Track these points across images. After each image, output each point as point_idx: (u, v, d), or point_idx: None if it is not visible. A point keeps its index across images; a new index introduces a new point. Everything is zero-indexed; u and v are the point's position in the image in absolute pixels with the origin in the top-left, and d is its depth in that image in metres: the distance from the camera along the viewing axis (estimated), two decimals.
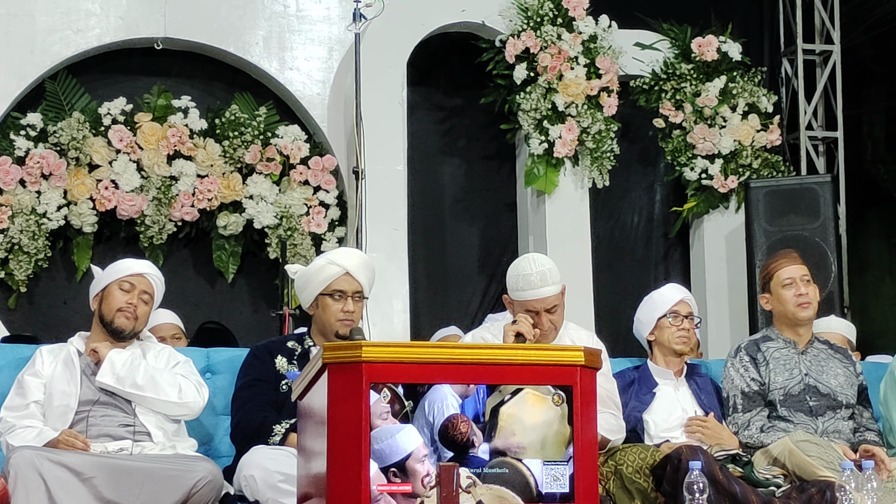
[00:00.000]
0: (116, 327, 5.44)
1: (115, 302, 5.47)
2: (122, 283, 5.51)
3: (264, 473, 4.99)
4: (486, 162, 8.98)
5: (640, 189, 9.24)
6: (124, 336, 5.47)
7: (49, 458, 4.84)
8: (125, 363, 5.34)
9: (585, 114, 8.48)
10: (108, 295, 5.50)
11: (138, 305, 5.49)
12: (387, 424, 4.06)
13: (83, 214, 8.00)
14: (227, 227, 8.22)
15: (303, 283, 5.53)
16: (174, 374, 5.41)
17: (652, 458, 5.18)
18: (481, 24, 8.64)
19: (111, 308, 5.46)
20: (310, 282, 5.50)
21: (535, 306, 5.47)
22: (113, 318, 5.45)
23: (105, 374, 5.31)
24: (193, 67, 8.54)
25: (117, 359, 5.35)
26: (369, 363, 4.22)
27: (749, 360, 5.80)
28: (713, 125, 8.85)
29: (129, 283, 5.51)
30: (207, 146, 8.23)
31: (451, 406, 4.13)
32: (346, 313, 5.44)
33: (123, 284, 5.51)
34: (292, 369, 5.36)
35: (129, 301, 5.48)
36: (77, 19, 8.17)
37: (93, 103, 8.18)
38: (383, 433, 4.10)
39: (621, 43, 8.77)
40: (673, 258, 9.22)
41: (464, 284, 8.87)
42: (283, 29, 8.51)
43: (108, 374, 5.31)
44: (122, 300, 5.48)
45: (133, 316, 5.47)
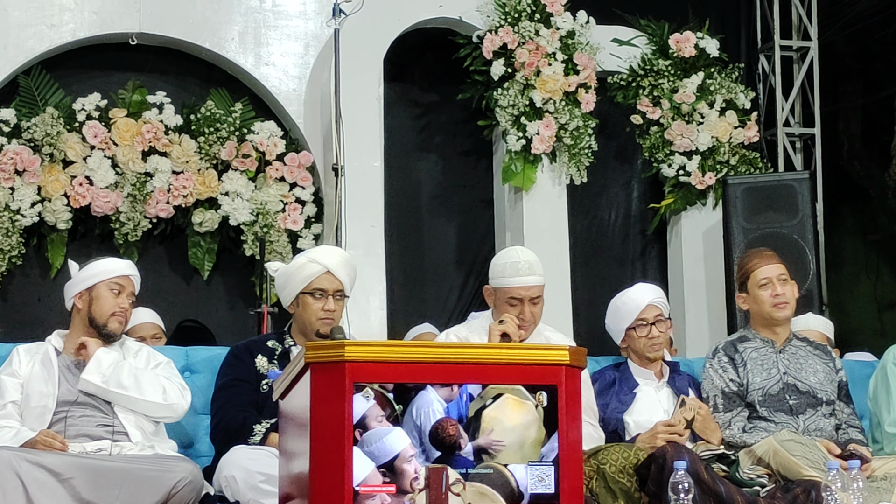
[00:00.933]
0: (109, 331, 5.39)
1: (107, 305, 5.41)
2: (112, 285, 5.44)
3: (245, 474, 4.95)
4: (463, 158, 8.95)
5: (617, 185, 9.22)
6: (115, 339, 5.42)
7: (27, 459, 4.79)
8: (112, 363, 5.29)
9: (563, 110, 8.45)
10: (97, 297, 5.43)
11: (127, 309, 5.46)
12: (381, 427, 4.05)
13: (57, 211, 7.93)
14: (203, 223, 8.16)
15: (283, 282, 5.48)
16: (157, 376, 5.36)
17: (635, 457, 5.15)
18: (458, 20, 8.60)
19: (103, 312, 5.40)
20: (290, 280, 5.45)
21: (520, 294, 5.49)
22: (106, 321, 5.40)
23: (91, 372, 5.26)
24: (168, 63, 8.47)
25: (105, 358, 5.30)
26: (352, 363, 4.20)
27: (727, 360, 5.77)
28: (691, 122, 8.83)
29: (118, 285, 5.45)
30: (183, 142, 8.17)
31: (437, 411, 4.15)
32: (326, 312, 5.40)
33: (113, 286, 5.44)
34: (273, 369, 5.31)
35: (121, 305, 5.43)
36: (51, 14, 8.10)
37: (67, 99, 8.11)
38: (374, 435, 4.09)
39: (599, 39, 8.75)
40: (650, 255, 9.21)
41: (441, 281, 8.84)
42: (258, 24, 8.45)
43: (94, 373, 5.25)
44: (113, 303, 5.42)
45: (124, 318, 5.45)
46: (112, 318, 5.40)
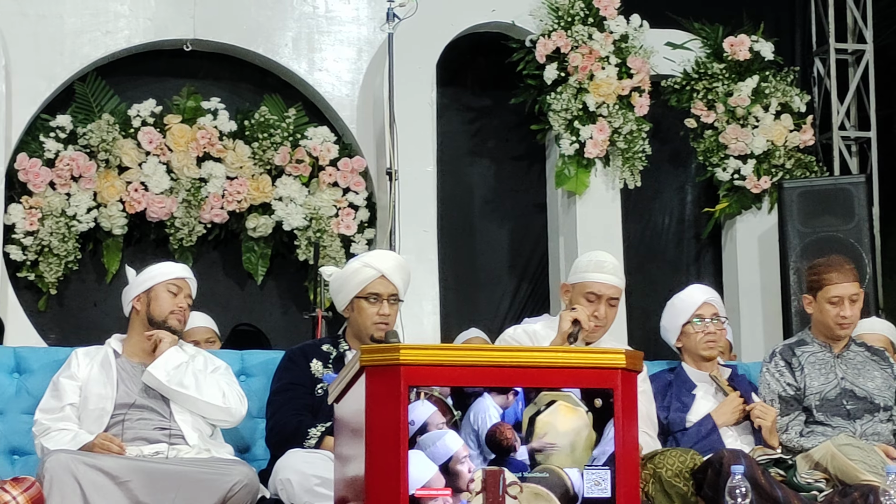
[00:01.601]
0: (170, 328, 5.43)
1: (166, 304, 5.46)
2: (169, 286, 5.50)
3: (300, 477, 4.95)
4: (515, 163, 8.93)
5: (671, 190, 9.18)
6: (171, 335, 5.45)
7: (84, 462, 4.81)
8: (179, 363, 5.32)
9: (617, 114, 8.43)
10: (155, 297, 5.47)
11: (186, 309, 5.51)
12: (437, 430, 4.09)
13: (113, 216, 7.98)
14: (257, 228, 8.19)
15: (338, 286, 5.49)
16: (218, 380, 5.38)
17: (692, 461, 5.12)
18: (511, 24, 8.59)
19: (163, 310, 5.45)
20: (345, 284, 5.46)
21: (601, 290, 5.53)
22: (166, 319, 5.45)
23: (158, 367, 5.29)
24: (222, 69, 8.51)
25: (173, 357, 5.34)
26: (407, 366, 4.19)
27: (784, 364, 5.74)
28: (745, 125, 8.78)
29: (175, 286, 5.50)
30: (237, 148, 8.20)
31: (493, 416, 4.16)
32: (381, 316, 5.40)
33: (171, 287, 5.50)
34: (328, 372, 5.32)
35: (179, 304, 5.48)
36: (106, 21, 8.15)
37: (122, 105, 8.16)
38: (431, 438, 4.11)
39: (653, 42, 8.71)
40: (705, 260, 9.16)
41: (494, 286, 8.82)
42: (312, 30, 8.47)
43: (160, 369, 5.29)
44: (172, 303, 5.47)
45: (183, 319, 5.50)
46: (171, 315, 5.45)
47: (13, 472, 5.25)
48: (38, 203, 7.86)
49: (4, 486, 4.79)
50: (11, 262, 7.85)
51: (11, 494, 4.75)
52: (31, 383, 5.52)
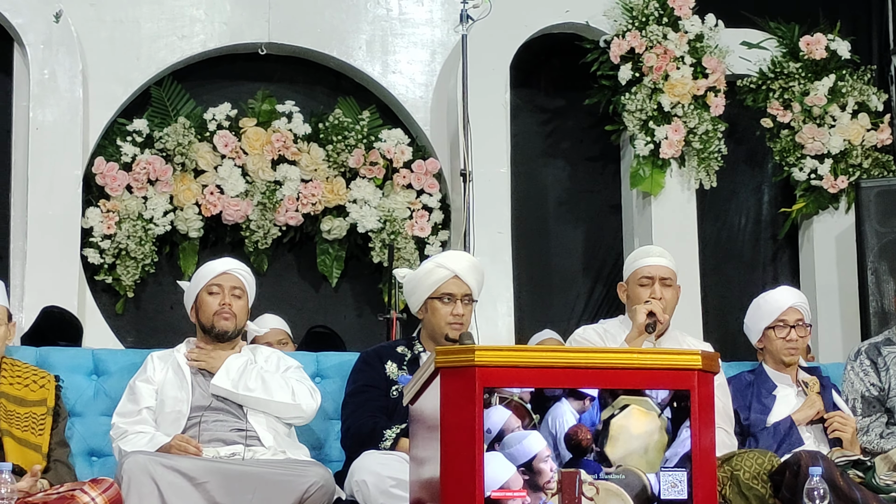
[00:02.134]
0: (219, 330, 5.44)
1: (209, 307, 5.47)
2: (210, 289, 5.50)
3: (376, 478, 4.96)
4: (589, 164, 8.90)
5: (747, 190, 9.10)
6: (229, 336, 5.46)
7: (162, 463, 4.85)
8: (239, 367, 5.34)
9: (692, 114, 8.38)
10: (200, 304, 5.51)
11: (232, 303, 5.48)
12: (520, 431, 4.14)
13: (189, 220, 8.03)
14: (331, 231, 8.22)
15: (412, 287, 5.49)
16: (286, 378, 5.39)
17: (770, 463, 5.08)
18: (585, 25, 8.56)
19: (207, 314, 5.47)
20: (419, 285, 5.46)
21: (651, 272, 5.60)
22: (212, 322, 5.45)
23: (221, 377, 5.31)
24: (296, 72, 8.54)
25: (233, 364, 5.35)
26: (482, 367, 4.19)
27: (870, 363, 5.69)
28: (822, 124, 8.70)
29: (216, 286, 5.50)
30: (311, 151, 8.23)
31: (569, 420, 4.18)
32: (455, 316, 5.40)
33: (211, 289, 5.50)
34: (402, 374, 5.33)
35: (222, 302, 5.47)
36: (182, 25, 8.21)
37: (198, 109, 8.22)
38: (514, 438, 4.13)
39: (728, 42, 8.65)
40: (781, 260, 9.08)
41: (568, 287, 8.79)
42: (385, 32, 8.49)
43: (224, 378, 5.31)
44: (214, 304, 5.47)
45: (231, 314, 5.46)
46: (216, 317, 5.45)
47: (92, 474, 5.30)
48: (116, 207, 7.93)
49: (83, 487, 4.83)
50: (89, 265, 7.93)
51: (90, 496, 4.79)
52: (109, 385, 5.58)
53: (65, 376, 5.42)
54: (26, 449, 5.08)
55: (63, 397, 5.35)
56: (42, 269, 7.68)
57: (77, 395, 5.54)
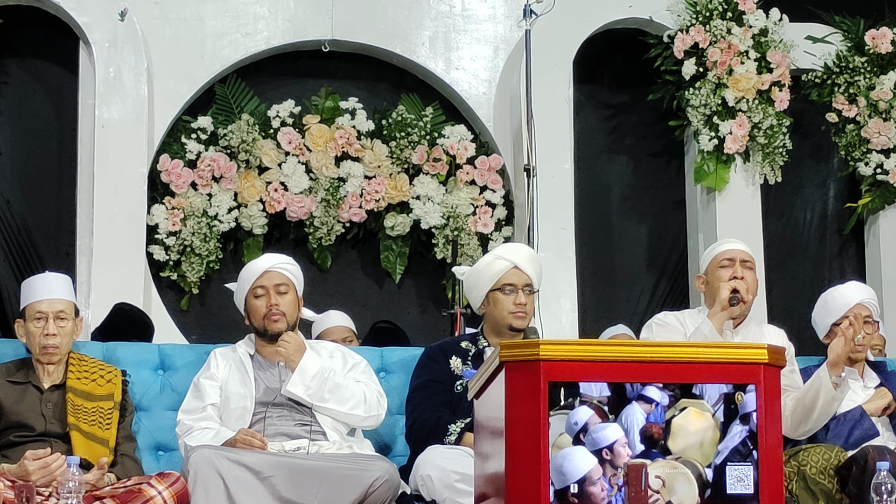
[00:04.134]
0: (272, 332, 5.44)
1: (258, 311, 5.46)
2: (255, 291, 5.49)
3: (441, 473, 4.97)
4: (653, 159, 8.87)
5: (812, 185, 9.04)
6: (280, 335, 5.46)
7: (228, 458, 4.88)
8: (315, 374, 5.32)
9: (756, 109, 8.33)
10: (250, 307, 5.51)
11: (279, 302, 5.45)
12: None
13: (253, 216, 8.07)
14: (395, 227, 8.23)
15: (472, 283, 5.50)
16: (358, 385, 5.37)
17: (836, 458, 5.06)
18: (649, 20, 8.53)
19: (258, 319, 5.47)
20: (479, 280, 5.47)
21: (732, 255, 5.63)
22: (264, 326, 5.46)
23: (296, 384, 5.30)
24: (359, 69, 8.56)
25: (309, 368, 5.33)
26: (547, 361, 4.19)
27: None
28: (888, 119, 8.63)
29: (260, 288, 5.48)
30: (374, 147, 8.25)
31: (640, 420, 4.26)
32: (518, 306, 5.40)
33: (256, 291, 5.48)
34: (467, 369, 5.33)
35: (269, 304, 5.45)
36: (245, 23, 8.24)
37: (261, 106, 8.25)
38: (597, 429, 4.25)
39: (792, 36, 8.59)
40: (847, 255, 9.01)
41: (632, 283, 8.76)
42: (448, 29, 8.49)
43: (298, 385, 5.30)
44: (262, 307, 5.46)
45: (279, 314, 5.44)
46: (266, 320, 5.44)
47: (158, 468, 5.36)
48: (181, 204, 7.98)
49: (150, 480, 4.88)
50: (154, 262, 7.98)
51: (157, 489, 4.84)
52: (175, 380, 5.61)
53: (131, 371, 5.46)
54: (93, 443, 5.12)
55: (130, 392, 5.38)
56: (108, 266, 7.74)
57: (143, 390, 5.59)
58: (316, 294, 7.90)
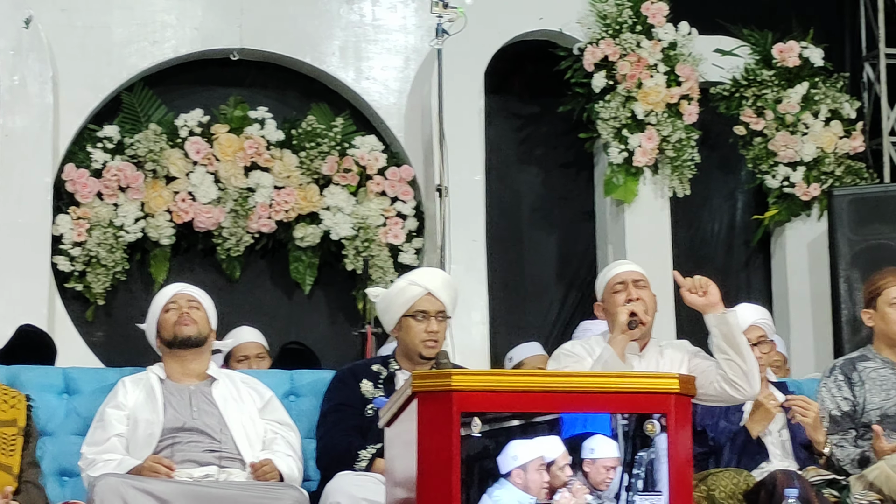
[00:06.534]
0: (182, 338, 5.41)
1: (169, 321, 5.45)
2: (167, 307, 5.49)
3: (351, 500, 4.93)
4: (563, 170, 8.89)
5: (720, 197, 9.11)
6: (194, 342, 5.41)
7: (134, 486, 4.81)
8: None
9: (665, 122, 8.38)
10: (161, 324, 5.48)
11: (190, 312, 5.45)
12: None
13: (160, 227, 7.98)
14: (305, 238, 8.18)
15: (385, 306, 5.47)
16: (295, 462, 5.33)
17: (745, 483, 5.08)
18: (559, 32, 8.54)
19: (168, 328, 5.44)
20: (392, 304, 5.44)
21: (622, 277, 5.50)
22: (174, 333, 5.42)
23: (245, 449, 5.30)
24: (269, 77, 8.50)
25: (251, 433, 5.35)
26: (459, 392, 4.17)
27: (843, 378, 5.69)
28: (795, 132, 8.71)
29: (172, 304, 5.49)
30: (284, 157, 8.19)
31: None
32: (429, 333, 5.38)
33: (168, 307, 5.49)
34: (378, 394, 5.30)
35: (181, 313, 5.44)
36: (153, 31, 8.15)
37: (169, 115, 8.16)
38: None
39: (701, 49, 8.65)
40: (754, 267, 9.09)
41: (542, 295, 8.78)
42: (359, 38, 8.44)
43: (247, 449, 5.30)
44: (172, 317, 5.45)
45: (191, 320, 5.43)
46: (177, 326, 5.43)
47: (63, 494, 5.27)
48: (86, 214, 7.87)
49: None
50: (59, 272, 7.86)
51: None
52: (81, 404, 5.51)
53: (36, 395, 5.36)
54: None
55: (34, 417, 5.28)
56: (12, 276, 7.61)
57: (48, 415, 5.48)
58: (224, 305, 7.77)
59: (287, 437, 5.37)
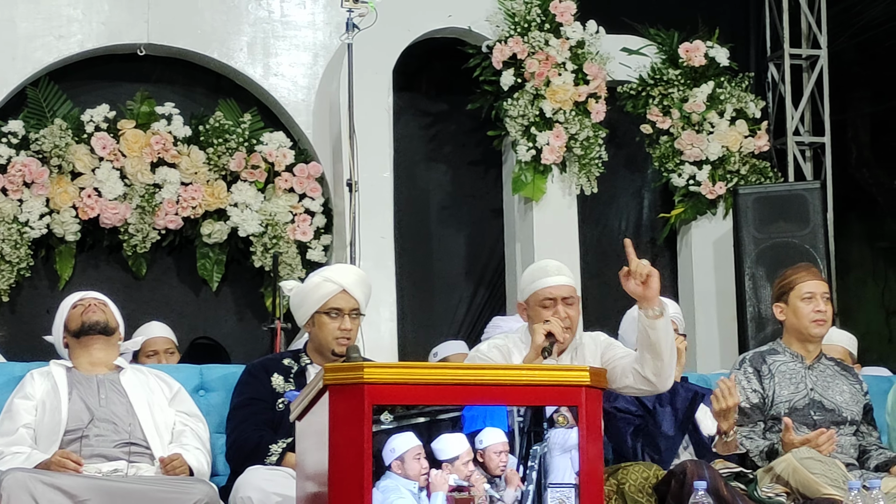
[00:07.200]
0: (89, 323, 5.40)
1: (75, 315, 5.45)
2: (74, 306, 5.49)
3: (261, 495, 4.90)
4: (472, 168, 8.91)
5: (627, 195, 9.18)
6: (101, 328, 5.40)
7: (42, 481, 4.75)
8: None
9: (573, 120, 8.42)
10: (67, 321, 5.48)
11: (96, 304, 5.47)
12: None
13: (66, 223, 7.90)
14: (212, 235, 8.13)
15: (298, 301, 5.44)
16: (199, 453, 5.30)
17: (654, 476, 5.11)
18: (468, 30, 8.57)
19: (76, 319, 5.44)
20: (306, 299, 5.41)
21: (552, 293, 5.35)
22: (81, 321, 5.42)
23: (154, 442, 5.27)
24: (176, 73, 8.45)
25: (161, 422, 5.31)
26: (371, 384, 4.16)
27: (753, 371, 5.74)
28: (701, 131, 8.81)
29: (80, 302, 5.50)
30: (191, 153, 8.14)
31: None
32: (343, 331, 5.35)
33: (75, 305, 5.49)
34: (289, 388, 5.27)
35: (83, 305, 5.45)
36: (59, 25, 8.06)
37: (75, 110, 8.08)
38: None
39: (608, 48, 8.71)
40: (660, 264, 9.11)
41: (450, 292, 8.79)
42: (267, 35, 8.42)
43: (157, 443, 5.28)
44: (79, 310, 5.46)
45: (96, 307, 5.45)
46: (84, 315, 5.43)
47: None
48: None
49: None
50: None
51: None
52: None
53: None
54: None
55: None
56: None
57: None
58: (131, 302, 7.78)
59: (196, 430, 5.34)
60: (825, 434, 5.39)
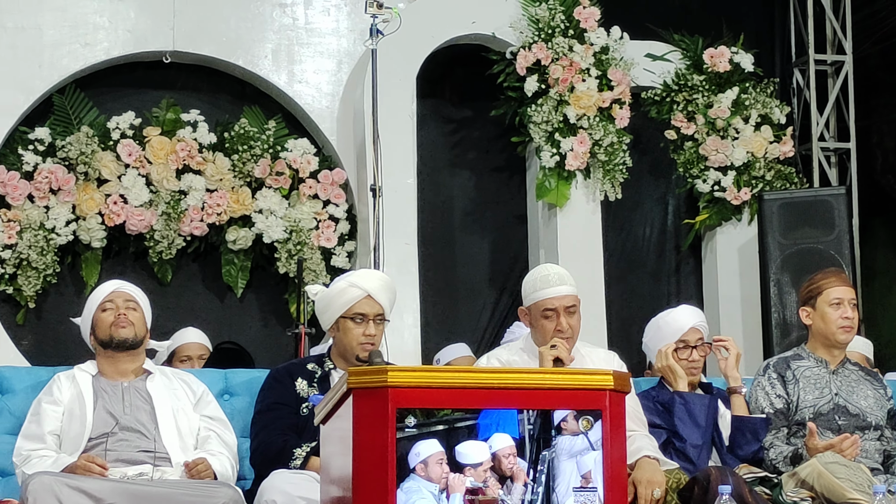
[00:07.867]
0: (118, 340, 5.37)
1: (105, 322, 5.41)
2: (104, 306, 5.44)
3: (286, 498, 4.91)
4: (496, 174, 8.92)
5: (652, 201, 9.18)
6: (130, 345, 5.38)
7: (68, 484, 4.76)
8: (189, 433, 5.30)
9: (597, 126, 8.42)
10: (96, 322, 5.44)
11: (127, 313, 5.42)
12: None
13: (92, 229, 7.94)
14: (237, 241, 8.16)
15: (323, 306, 5.45)
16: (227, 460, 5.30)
17: (676, 480, 5.11)
18: (492, 36, 8.57)
19: (104, 328, 5.40)
20: (331, 304, 5.42)
21: (553, 304, 5.41)
22: (110, 334, 5.38)
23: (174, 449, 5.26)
24: (201, 80, 8.48)
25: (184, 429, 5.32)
26: (395, 388, 4.17)
27: (777, 377, 5.73)
28: (725, 137, 8.80)
29: (109, 303, 5.45)
30: (216, 160, 8.17)
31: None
32: (367, 336, 5.36)
33: (105, 306, 5.44)
34: (313, 392, 5.28)
35: (117, 314, 5.41)
36: (85, 33, 8.10)
37: (101, 117, 8.12)
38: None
39: (633, 54, 8.71)
40: (685, 271, 9.16)
41: (474, 298, 8.80)
42: (291, 42, 8.45)
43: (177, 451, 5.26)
44: (109, 317, 5.41)
45: (128, 321, 5.40)
46: (113, 327, 5.38)
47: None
48: (17, 216, 7.82)
49: None
50: None
51: None
52: (14, 404, 5.45)
53: None
54: None
55: None
56: None
57: None
58: (156, 308, 7.64)
59: (221, 435, 5.34)
60: (849, 439, 5.38)
